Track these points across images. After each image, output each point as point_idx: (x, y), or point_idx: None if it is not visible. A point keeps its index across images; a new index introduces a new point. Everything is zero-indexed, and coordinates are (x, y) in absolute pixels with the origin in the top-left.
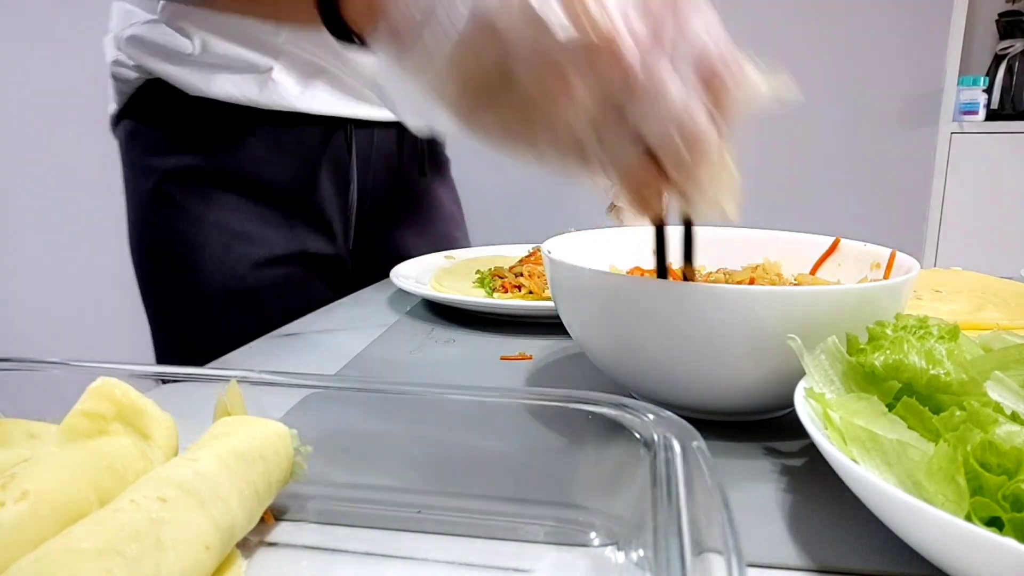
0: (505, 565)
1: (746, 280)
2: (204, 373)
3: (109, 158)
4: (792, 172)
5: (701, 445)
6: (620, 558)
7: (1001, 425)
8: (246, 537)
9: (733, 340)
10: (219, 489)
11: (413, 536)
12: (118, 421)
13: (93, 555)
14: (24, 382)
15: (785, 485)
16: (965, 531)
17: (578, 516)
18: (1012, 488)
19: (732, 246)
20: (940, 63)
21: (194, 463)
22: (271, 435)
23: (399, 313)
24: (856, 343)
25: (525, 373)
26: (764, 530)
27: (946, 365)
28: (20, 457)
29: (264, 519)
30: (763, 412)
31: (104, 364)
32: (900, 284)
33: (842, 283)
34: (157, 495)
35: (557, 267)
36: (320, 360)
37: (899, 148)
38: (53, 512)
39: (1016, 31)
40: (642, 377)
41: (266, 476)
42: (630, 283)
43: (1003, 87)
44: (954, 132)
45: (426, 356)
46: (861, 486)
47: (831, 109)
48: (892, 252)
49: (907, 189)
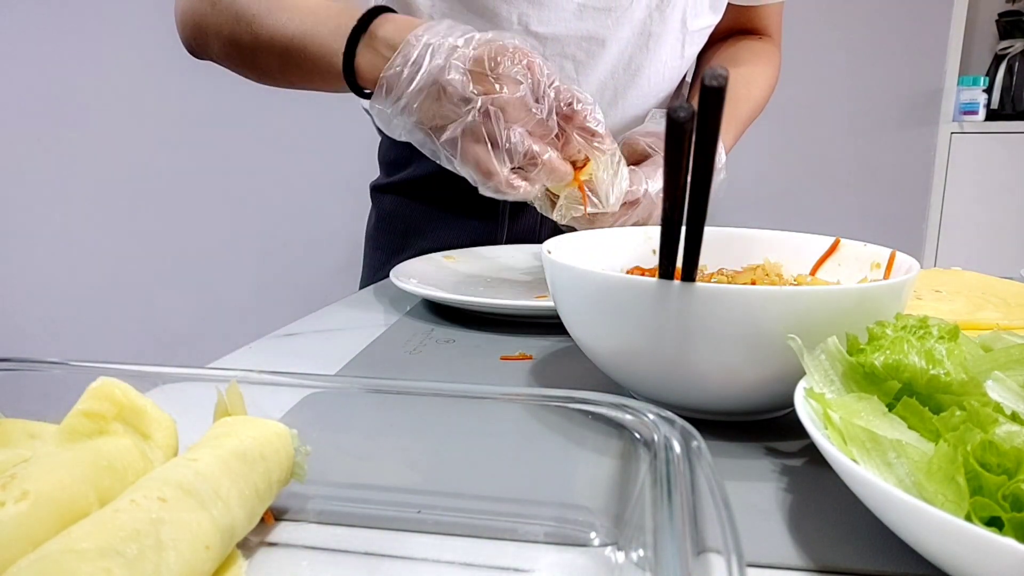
0: (505, 565)
1: (746, 280)
2: (204, 373)
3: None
4: (792, 172)
5: (701, 445)
6: (620, 558)
7: (1001, 425)
8: (246, 537)
9: (733, 340)
10: (219, 489)
11: (413, 536)
12: (118, 421)
13: (93, 555)
14: (24, 382)
15: (785, 485)
16: (965, 531)
17: (578, 516)
18: (1012, 488)
19: (732, 246)
20: (940, 63)
21: (194, 463)
22: (271, 435)
23: (399, 313)
24: (856, 343)
25: (525, 373)
26: (764, 530)
27: (946, 365)
28: (20, 457)
29: (264, 519)
30: (763, 412)
31: (104, 364)
32: (900, 284)
33: (842, 283)
34: (157, 495)
35: (557, 267)
36: (320, 360)
37: (899, 148)
38: (53, 512)
39: (1016, 31)
40: (642, 377)
41: (266, 476)
42: (630, 283)
43: (1003, 87)
44: (954, 132)
45: (426, 356)
46: (861, 486)
47: (831, 109)
48: (892, 252)
49: (907, 189)
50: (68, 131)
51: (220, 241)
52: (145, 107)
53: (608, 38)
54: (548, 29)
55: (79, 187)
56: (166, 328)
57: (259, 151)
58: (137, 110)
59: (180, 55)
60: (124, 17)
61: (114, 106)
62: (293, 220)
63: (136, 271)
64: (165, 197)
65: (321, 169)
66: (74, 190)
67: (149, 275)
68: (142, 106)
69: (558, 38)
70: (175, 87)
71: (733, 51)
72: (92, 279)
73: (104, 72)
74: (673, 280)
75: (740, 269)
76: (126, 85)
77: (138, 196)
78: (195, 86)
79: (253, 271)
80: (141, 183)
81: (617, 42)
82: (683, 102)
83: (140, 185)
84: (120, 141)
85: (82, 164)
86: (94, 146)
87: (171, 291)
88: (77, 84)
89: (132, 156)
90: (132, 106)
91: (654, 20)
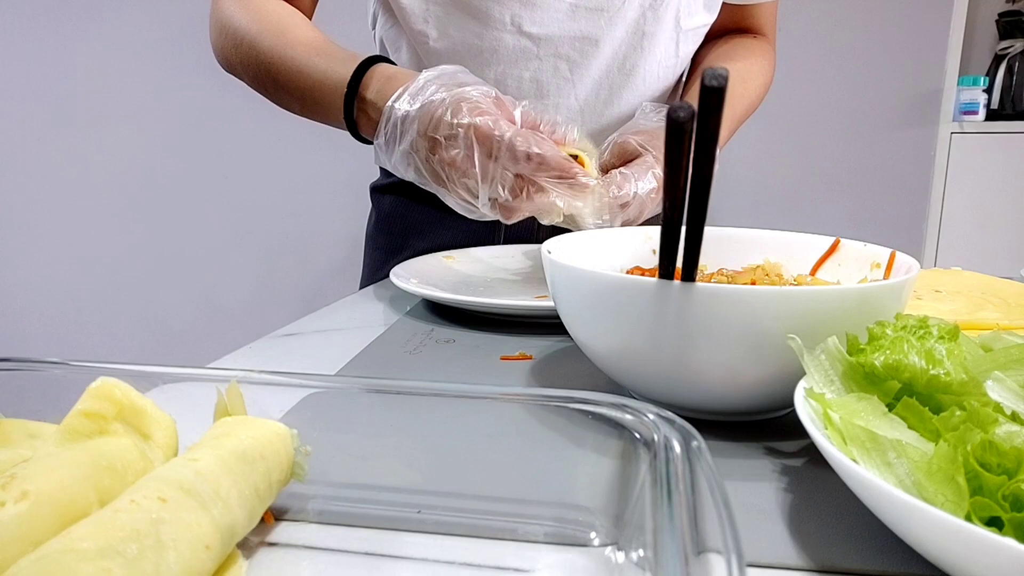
0: (505, 565)
1: (746, 280)
2: (204, 373)
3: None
4: (792, 172)
5: (701, 445)
6: (620, 558)
7: (1001, 425)
8: (246, 537)
9: (733, 340)
10: (219, 489)
11: (413, 536)
12: (118, 421)
13: (93, 555)
14: (24, 382)
15: (785, 485)
16: (965, 531)
17: (578, 516)
18: (1012, 488)
19: (732, 246)
20: (940, 63)
21: (194, 463)
22: (271, 435)
23: (399, 313)
24: (856, 343)
25: (525, 373)
26: (764, 530)
27: (946, 365)
28: (20, 457)
29: (264, 519)
30: (763, 412)
31: (104, 364)
32: (900, 284)
33: (842, 283)
34: (157, 495)
35: (557, 267)
36: (320, 360)
37: (899, 148)
38: (53, 512)
39: (1016, 31)
40: (642, 377)
41: (266, 476)
42: (630, 283)
43: (1003, 87)
44: (954, 132)
45: (426, 356)
46: (861, 486)
47: (831, 109)
48: (892, 252)
49: (907, 189)
50: (68, 131)
51: (220, 241)
52: (145, 107)
53: (602, 38)
54: (541, 30)
55: (79, 187)
56: (166, 328)
57: (259, 151)
58: (137, 110)
59: (180, 55)
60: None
61: (114, 106)
62: (293, 220)
63: (136, 271)
64: (165, 197)
65: (321, 169)
66: (74, 190)
67: (149, 275)
68: (142, 106)
69: (551, 38)
70: (175, 87)
71: (728, 48)
72: (92, 279)
73: (104, 72)
74: (673, 280)
75: (740, 269)
76: (126, 85)
77: (138, 196)
78: (195, 86)
79: (253, 271)
80: (141, 183)
81: (611, 42)
82: (683, 102)
83: (140, 185)
84: (120, 141)
85: (82, 164)
86: (94, 146)
87: (171, 291)
88: (77, 84)
89: (132, 156)
90: (132, 106)
91: (647, 19)
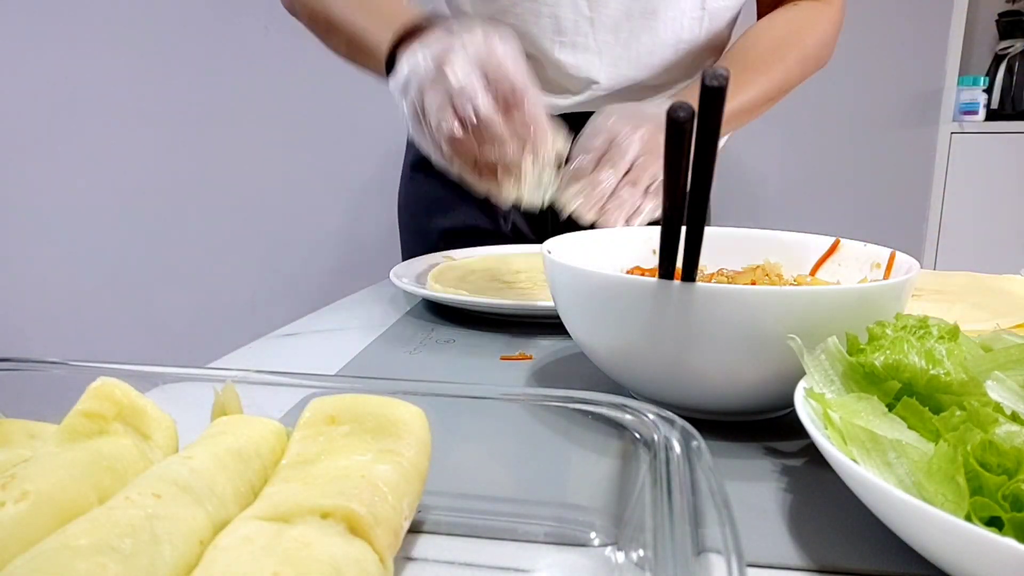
0: (505, 565)
1: (747, 280)
2: (203, 373)
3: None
4: (792, 172)
5: (701, 445)
6: (620, 558)
7: (1001, 425)
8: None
9: (733, 340)
10: (214, 485)
11: (413, 536)
12: (118, 421)
13: (88, 551)
14: (24, 382)
15: (785, 485)
16: (965, 531)
17: (578, 516)
18: (1012, 488)
19: (732, 246)
20: (940, 63)
21: (189, 460)
22: (268, 433)
23: (399, 313)
24: (856, 343)
25: (525, 373)
26: (764, 530)
27: (946, 365)
28: (20, 457)
29: None
30: (763, 412)
31: (104, 364)
32: (900, 284)
33: (842, 283)
34: (152, 491)
35: (557, 267)
36: (320, 360)
37: (899, 148)
38: (53, 512)
39: (1016, 31)
40: (642, 377)
41: (263, 474)
42: (630, 283)
43: (1003, 87)
44: (954, 132)
45: (426, 356)
46: (861, 486)
47: (831, 109)
48: (892, 252)
49: (907, 189)
50: (68, 131)
51: (220, 241)
52: (145, 107)
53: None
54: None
55: (79, 187)
56: (166, 328)
57: (259, 151)
58: (137, 111)
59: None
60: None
61: (114, 106)
62: (293, 220)
63: (136, 271)
64: (165, 197)
65: (321, 169)
66: (74, 190)
67: (149, 275)
68: (142, 107)
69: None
70: (175, 87)
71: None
72: (92, 279)
73: (104, 72)
74: (673, 280)
75: (740, 269)
76: (126, 85)
77: (138, 196)
78: (195, 86)
79: (253, 271)
80: (141, 183)
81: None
82: (683, 102)
83: (140, 185)
84: (120, 141)
85: (82, 164)
86: (94, 146)
87: (171, 291)
88: (77, 84)
89: (132, 156)
90: (132, 106)
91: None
